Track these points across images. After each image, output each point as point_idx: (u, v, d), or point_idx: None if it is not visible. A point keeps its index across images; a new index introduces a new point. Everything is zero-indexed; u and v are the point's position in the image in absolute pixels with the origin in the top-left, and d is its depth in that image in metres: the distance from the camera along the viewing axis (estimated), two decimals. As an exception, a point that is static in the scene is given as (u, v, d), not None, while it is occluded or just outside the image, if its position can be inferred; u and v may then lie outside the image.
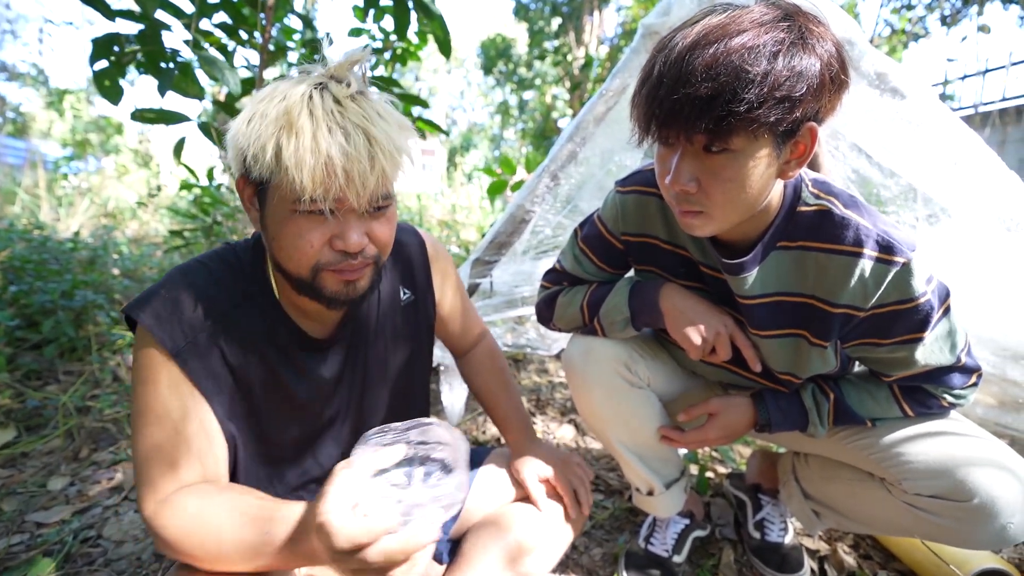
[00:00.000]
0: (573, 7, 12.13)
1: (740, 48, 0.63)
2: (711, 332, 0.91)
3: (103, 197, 5.64)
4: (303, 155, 0.63)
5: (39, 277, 2.34)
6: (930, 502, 0.82)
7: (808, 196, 0.82)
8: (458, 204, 6.11)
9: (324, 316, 0.83)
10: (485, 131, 22.97)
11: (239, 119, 0.69)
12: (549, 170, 1.44)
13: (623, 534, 1.31)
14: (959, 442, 0.83)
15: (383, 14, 2.42)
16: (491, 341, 1.17)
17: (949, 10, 7.37)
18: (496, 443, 1.78)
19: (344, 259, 0.72)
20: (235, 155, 0.70)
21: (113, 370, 2.06)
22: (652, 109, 0.68)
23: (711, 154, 0.69)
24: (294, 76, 0.72)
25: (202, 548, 0.67)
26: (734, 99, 0.63)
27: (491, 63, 14.81)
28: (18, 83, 14.36)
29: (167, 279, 0.75)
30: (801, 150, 0.71)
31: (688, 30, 0.67)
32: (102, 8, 1.63)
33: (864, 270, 0.77)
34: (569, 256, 1.11)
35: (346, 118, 0.66)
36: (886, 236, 0.77)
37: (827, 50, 0.66)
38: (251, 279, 0.79)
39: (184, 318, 0.73)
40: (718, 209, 0.73)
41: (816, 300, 0.83)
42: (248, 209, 0.75)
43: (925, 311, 0.78)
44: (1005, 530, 0.77)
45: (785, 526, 1.23)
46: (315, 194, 0.65)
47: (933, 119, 1.11)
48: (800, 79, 0.64)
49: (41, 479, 1.44)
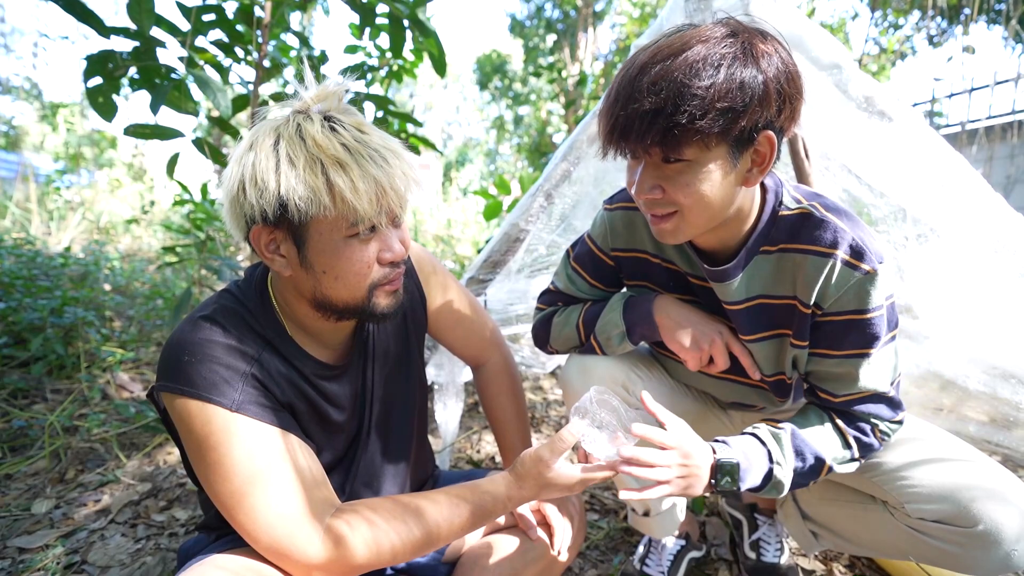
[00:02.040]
0: (568, 24, 12.31)
1: (683, 64, 0.67)
2: (707, 340, 0.92)
3: (95, 212, 5.62)
4: (358, 184, 0.68)
5: (28, 293, 2.31)
6: (934, 527, 0.81)
7: (790, 201, 0.85)
8: (453, 219, 6.13)
9: (333, 342, 0.86)
10: (481, 146, 23.14)
11: (258, 168, 0.69)
12: (543, 189, 1.45)
13: (618, 555, 1.29)
14: (964, 467, 0.83)
15: (379, 32, 2.44)
16: (503, 359, 1.14)
17: (935, 30, 7.54)
18: (491, 462, 1.77)
19: (392, 271, 0.78)
20: (262, 205, 0.69)
21: (103, 388, 2.03)
22: (608, 124, 0.73)
23: (669, 164, 0.73)
24: (275, 113, 0.74)
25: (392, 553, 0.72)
26: (676, 111, 0.67)
27: (487, 79, 14.97)
28: (11, 96, 14.34)
29: (180, 345, 0.73)
30: (762, 158, 0.74)
31: (647, 49, 0.71)
32: (97, 25, 1.63)
33: (834, 271, 0.80)
34: (562, 276, 1.11)
35: (374, 142, 0.72)
36: (860, 242, 0.79)
37: (773, 64, 0.69)
38: (264, 323, 0.79)
39: (224, 374, 0.72)
40: (689, 211, 0.76)
41: (796, 300, 0.85)
42: (271, 259, 0.74)
43: (877, 327, 0.80)
44: (1010, 557, 0.77)
45: (781, 546, 1.22)
46: (372, 215, 0.71)
47: (919, 141, 1.13)
48: (742, 90, 0.67)
49: (25, 502, 1.41)
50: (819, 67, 1.13)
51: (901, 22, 7.66)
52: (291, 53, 2.54)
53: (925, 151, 1.13)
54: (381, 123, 2.39)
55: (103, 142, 8.94)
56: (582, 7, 11.45)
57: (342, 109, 0.74)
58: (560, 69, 8.64)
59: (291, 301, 0.80)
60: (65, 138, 9.33)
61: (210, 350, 0.72)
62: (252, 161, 0.69)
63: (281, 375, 0.78)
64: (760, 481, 0.81)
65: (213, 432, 0.69)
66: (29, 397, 1.96)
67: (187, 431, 0.71)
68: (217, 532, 0.85)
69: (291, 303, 0.80)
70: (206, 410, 0.70)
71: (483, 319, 1.12)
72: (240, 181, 0.70)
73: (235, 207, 0.72)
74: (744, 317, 0.89)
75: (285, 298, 0.81)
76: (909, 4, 6.91)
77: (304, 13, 2.82)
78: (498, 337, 1.14)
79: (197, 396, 0.70)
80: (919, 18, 7.39)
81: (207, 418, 0.70)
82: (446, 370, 1.60)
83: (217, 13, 1.89)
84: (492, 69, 14.62)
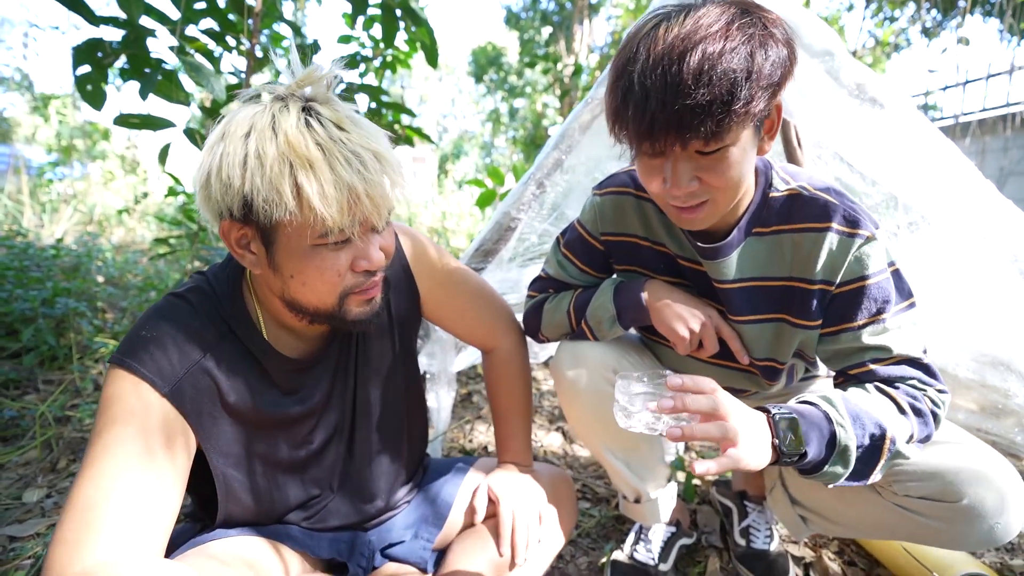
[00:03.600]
0: (564, 16, 12.23)
1: (722, 51, 0.65)
2: (697, 324, 0.92)
3: (88, 203, 5.57)
4: (327, 190, 0.62)
5: (20, 284, 2.30)
6: (919, 503, 0.82)
7: (779, 182, 0.86)
8: (448, 211, 6.12)
9: (308, 336, 0.83)
10: (476, 138, 23.03)
11: (225, 161, 0.64)
12: (535, 178, 1.45)
13: (609, 542, 1.30)
14: (949, 445, 0.84)
15: (372, 23, 2.42)
16: (512, 346, 1.09)
17: (930, 22, 7.54)
18: (484, 451, 1.77)
19: (367, 279, 0.73)
20: (228, 200, 0.65)
21: (95, 379, 2.02)
22: (645, 123, 0.69)
23: (705, 155, 0.72)
24: (259, 97, 0.68)
25: None
26: (732, 100, 0.66)
27: (482, 71, 14.87)
28: (2, 87, 14.16)
29: (145, 320, 0.72)
30: (770, 124, 0.76)
31: (649, 40, 0.69)
32: (86, 13, 1.61)
33: (832, 243, 0.81)
34: (553, 262, 1.11)
35: (353, 142, 0.65)
36: (852, 211, 0.81)
37: (783, 32, 0.71)
38: (232, 310, 0.77)
39: (172, 354, 0.70)
40: (721, 194, 0.76)
41: (795, 281, 0.86)
42: (241, 255, 0.71)
43: (885, 290, 0.81)
44: (993, 531, 0.78)
45: (771, 533, 1.23)
46: (343, 224, 0.65)
47: (911, 129, 1.13)
48: (776, 66, 0.69)
49: (16, 491, 1.41)
50: (811, 54, 1.13)
51: (896, 14, 7.65)
52: (283, 43, 2.52)
53: (916, 138, 1.13)
54: (374, 114, 2.38)
55: (96, 134, 8.84)
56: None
57: (326, 99, 0.68)
58: (555, 61, 8.60)
59: (267, 296, 0.77)
60: (57, 130, 9.22)
61: (165, 329, 0.70)
62: (221, 152, 0.64)
63: (241, 364, 0.76)
64: (824, 450, 0.72)
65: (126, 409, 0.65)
66: (21, 388, 1.95)
67: (111, 393, 0.66)
68: (203, 522, 0.85)
69: (267, 298, 0.78)
70: (132, 384, 0.66)
71: (492, 306, 1.07)
72: (208, 172, 0.66)
73: (204, 198, 0.68)
74: (737, 297, 0.90)
75: (262, 290, 0.78)
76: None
77: (296, 2, 2.79)
78: (507, 323, 1.09)
79: (133, 370, 0.67)
80: (914, 10, 7.38)
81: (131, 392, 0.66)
82: (438, 359, 1.59)
83: (208, 2, 1.87)
84: (487, 61, 14.53)
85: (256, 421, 0.79)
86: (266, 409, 0.79)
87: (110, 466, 0.63)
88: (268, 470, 0.82)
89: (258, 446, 0.80)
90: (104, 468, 0.63)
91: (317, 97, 0.68)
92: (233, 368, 0.75)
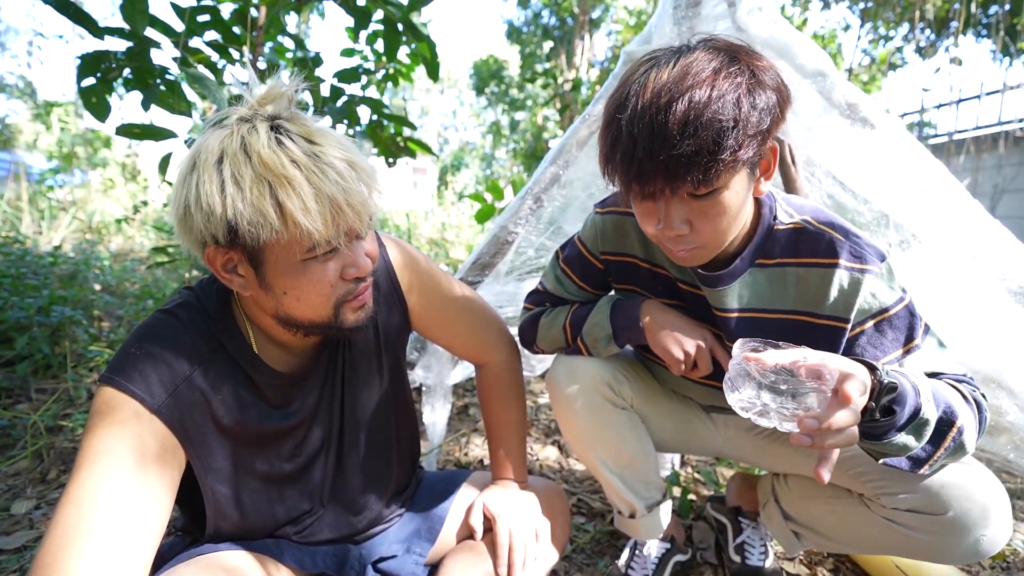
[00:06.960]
0: (565, 31, 12.40)
1: (708, 100, 0.66)
2: (692, 346, 0.93)
3: (88, 211, 5.58)
4: (309, 204, 0.63)
5: (16, 292, 2.30)
6: (907, 516, 0.83)
7: (783, 216, 0.87)
8: (448, 223, 6.14)
9: (298, 349, 0.83)
10: (477, 150, 23.18)
11: (202, 190, 0.63)
12: (532, 192, 1.46)
13: (604, 558, 1.30)
14: None
15: (376, 37, 2.46)
16: (504, 360, 1.08)
17: (924, 42, 7.66)
18: (479, 465, 1.77)
19: (358, 285, 0.74)
20: (211, 228, 0.65)
21: (89, 388, 2.01)
22: (632, 171, 0.71)
23: (697, 198, 0.72)
24: (222, 123, 0.67)
25: None
26: (718, 150, 0.66)
27: (483, 84, 15.03)
28: (5, 95, 14.25)
29: (135, 338, 0.72)
30: (766, 166, 0.77)
31: (639, 85, 0.70)
32: (91, 26, 1.64)
33: (842, 280, 0.82)
34: (551, 277, 1.12)
35: (327, 154, 0.66)
36: (858, 247, 0.82)
37: (774, 78, 0.71)
38: (221, 325, 0.77)
39: (162, 371, 0.70)
40: (712, 240, 0.77)
41: (799, 315, 0.87)
42: (229, 279, 0.70)
43: (911, 317, 0.82)
44: (979, 543, 0.79)
45: (765, 550, 1.22)
46: (330, 236, 0.66)
47: (901, 148, 1.15)
48: (765, 113, 0.69)
49: (5, 502, 1.40)
50: (803, 74, 1.15)
51: (891, 34, 7.77)
52: (287, 55, 2.55)
53: (907, 158, 1.15)
54: (376, 126, 2.40)
55: (97, 141, 8.89)
56: (579, 14, 11.54)
57: (291, 115, 0.68)
58: (556, 75, 8.70)
59: (256, 313, 0.77)
60: (59, 137, 9.27)
61: (155, 345, 0.71)
62: (196, 182, 0.64)
63: (230, 379, 0.76)
64: (907, 415, 0.68)
65: (115, 427, 0.65)
66: (13, 396, 1.94)
67: (100, 411, 0.66)
68: (192, 535, 0.84)
69: (256, 315, 0.78)
70: (121, 401, 0.66)
71: (484, 319, 1.06)
72: (185, 204, 0.65)
73: (186, 230, 0.67)
74: (737, 326, 0.90)
75: (250, 307, 0.78)
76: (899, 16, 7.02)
77: (300, 15, 2.83)
78: (499, 337, 1.08)
79: (122, 387, 0.67)
80: (908, 30, 7.50)
81: (121, 408, 0.66)
82: (434, 372, 1.60)
83: (212, 14, 1.90)
84: (489, 74, 14.69)
85: (245, 435, 0.79)
86: (255, 423, 0.79)
87: (94, 486, 0.62)
88: (257, 484, 0.82)
89: (247, 460, 0.80)
90: (88, 488, 0.62)
91: (282, 114, 0.68)
92: (223, 382, 0.75)
